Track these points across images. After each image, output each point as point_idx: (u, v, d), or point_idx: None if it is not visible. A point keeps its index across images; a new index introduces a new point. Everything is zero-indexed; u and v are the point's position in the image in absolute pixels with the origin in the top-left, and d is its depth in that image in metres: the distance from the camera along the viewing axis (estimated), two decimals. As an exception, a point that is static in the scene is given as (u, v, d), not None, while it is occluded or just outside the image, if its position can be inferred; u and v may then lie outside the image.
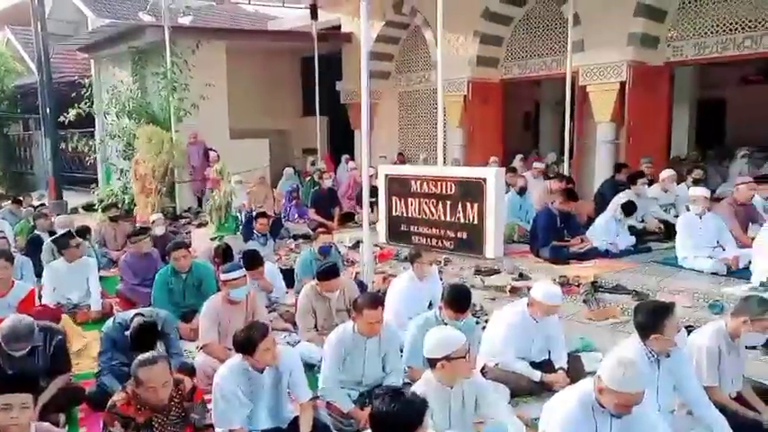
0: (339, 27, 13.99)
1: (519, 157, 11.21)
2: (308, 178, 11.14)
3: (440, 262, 6.81)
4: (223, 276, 4.37)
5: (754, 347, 4.19)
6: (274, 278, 5.86)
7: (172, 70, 10.86)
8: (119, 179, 12.18)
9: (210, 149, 11.20)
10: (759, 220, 6.10)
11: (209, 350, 4.21)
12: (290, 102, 15.53)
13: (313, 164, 12.39)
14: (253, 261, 5.42)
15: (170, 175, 10.90)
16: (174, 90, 10.87)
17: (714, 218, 5.92)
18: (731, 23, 9.09)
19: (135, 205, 10.28)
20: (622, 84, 9.53)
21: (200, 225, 9.14)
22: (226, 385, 3.11)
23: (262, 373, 3.16)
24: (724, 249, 5.79)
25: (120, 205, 10.21)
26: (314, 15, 12.35)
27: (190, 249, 5.69)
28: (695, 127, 12.91)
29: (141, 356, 2.88)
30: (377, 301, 3.66)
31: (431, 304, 4.81)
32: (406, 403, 2.16)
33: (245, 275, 4.44)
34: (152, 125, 11.05)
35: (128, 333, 3.75)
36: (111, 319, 4.12)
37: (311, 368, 4.18)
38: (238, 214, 7.97)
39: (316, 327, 4.66)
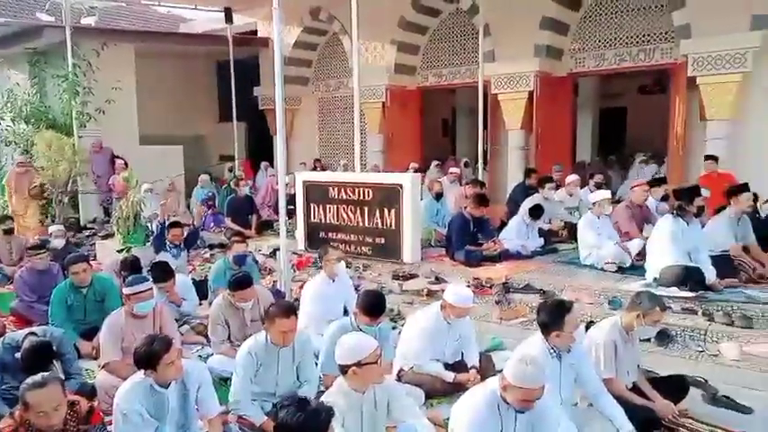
0: (256, 32, 13.77)
1: (435, 163, 11.46)
2: (225, 185, 10.85)
3: (359, 267, 6.86)
4: (126, 290, 4.16)
5: (648, 340, 4.51)
6: (186, 291, 5.64)
7: (74, 73, 10.25)
8: (15, 189, 11.30)
9: (117, 157, 10.64)
10: (653, 221, 6.56)
11: (111, 368, 3.99)
12: (206, 107, 15.11)
13: (231, 170, 12.10)
14: (162, 273, 5.21)
15: (72, 183, 10.25)
16: (76, 94, 10.27)
17: (606, 219, 6.35)
18: (627, 37, 9.79)
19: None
20: (531, 93, 10.01)
21: (106, 236, 8.64)
22: (127, 404, 2.95)
23: (167, 388, 3.02)
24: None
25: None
26: (228, 19, 12.10)
27: (94, 262, 5.36)
28: (598, 134, 13.75)
29: (30, 379, 2.67)
30: (289, 309, 3.60)
31: (347, 311, 4.81)
32: (311, 413, 2.13)
33: (150, 288, 4.25)
34: (52, 131, 10.36)
35: (18, 355, 3.48)
36: (0, 340, 3.80)
37: (225, 381, 4.04)
38: (149, 224, 7.61)
39: (229, 338, 4.52)
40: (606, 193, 6.57)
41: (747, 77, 8.13)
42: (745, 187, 5.84)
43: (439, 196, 8.49)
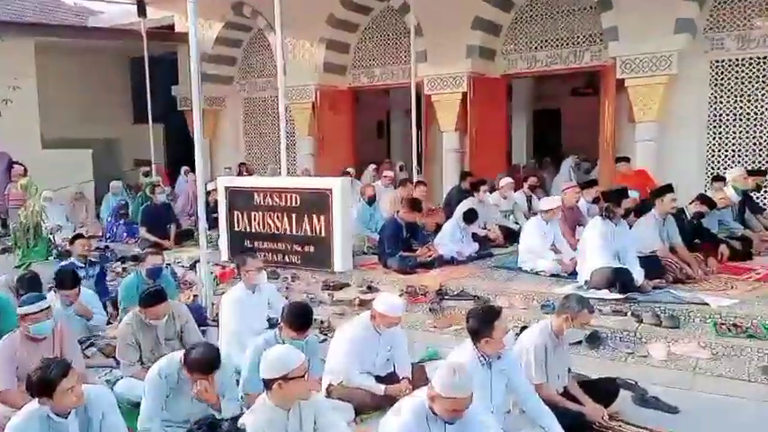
0: (173, 26, 13.01)
1: (372, 166, 11.21)
2: (140, 193, 10.10)
3: (287, 278, 6.55)
4: (20, 310, 3.79)
5: (579, 342, 4.45)
6: (93, 303, 5.23)
7: (-38, 69, 9.30)
8: None
9: (15, 163, 9.71)
10: (585, 223, 6.57)
11: (4, 398, 3.63)
12: (119, 107, 14.23)
13: (147, 175, 11.27)
14: (66, 280, 4.88)
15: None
16: (-34, 93, 9.31)
17: (554, 223, 6.30)
18: (558, 39, 9.87)
19: None
20: (464, 94, 9.93)
21: (3, 250, 7.81)
22: (19, 438, 2.61)
23: (66, 418, 2.77)
24: (557, 252, 6.16)
25: None
26: (141, 12, 11.28)
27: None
28: (533, 136, 13.86)
29: None
30: (212, 369, 3.20)
31: (272, 325, 4.46)
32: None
33: (48, 308, 3.86)
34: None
35: None
36: None
37: (136, 407, 3.63)
38: (51, 236, 6.91)
39: (141, 360, 4.13)
40: (557, 200, 6.50)
41: (673, 80, 8.36)
42: (668, 188, 5.93)
43: (372, 201, 8.25)
